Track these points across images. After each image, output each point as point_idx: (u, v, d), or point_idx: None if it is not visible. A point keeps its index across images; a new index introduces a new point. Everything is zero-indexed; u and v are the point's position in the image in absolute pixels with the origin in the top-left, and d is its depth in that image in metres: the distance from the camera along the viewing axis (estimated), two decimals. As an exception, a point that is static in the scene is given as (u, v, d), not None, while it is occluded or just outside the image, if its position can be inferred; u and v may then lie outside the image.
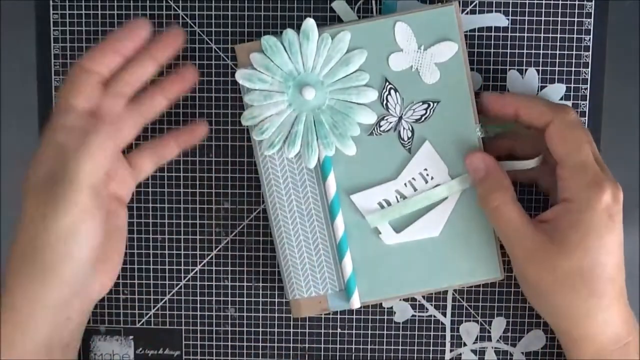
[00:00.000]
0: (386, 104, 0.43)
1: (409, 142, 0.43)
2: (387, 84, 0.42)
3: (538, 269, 0.40)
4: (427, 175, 0.43)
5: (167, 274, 0.48)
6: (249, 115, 0.42)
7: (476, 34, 0.46)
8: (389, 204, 0.43)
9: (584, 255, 0.39)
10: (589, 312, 0.40)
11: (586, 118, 0.46)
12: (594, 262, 0.39)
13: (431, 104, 0.42)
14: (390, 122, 0.43)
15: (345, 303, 0.44)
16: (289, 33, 0.41)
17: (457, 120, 0.42)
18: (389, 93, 0.42)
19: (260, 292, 0.48)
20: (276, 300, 0.48)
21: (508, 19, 0.46)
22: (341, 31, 0.42)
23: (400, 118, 0.43)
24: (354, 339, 0.48)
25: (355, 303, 0.44)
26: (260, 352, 0.48)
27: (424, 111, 0.43)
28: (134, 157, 0.44)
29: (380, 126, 0.43)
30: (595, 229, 0.39)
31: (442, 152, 0.43)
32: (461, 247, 0.43)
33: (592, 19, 0.45)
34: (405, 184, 0.43)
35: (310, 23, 0.41)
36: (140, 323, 0.48)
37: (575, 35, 0.46)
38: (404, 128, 0.43)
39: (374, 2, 0.46)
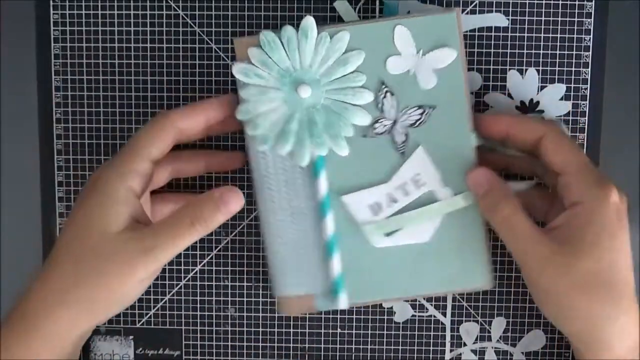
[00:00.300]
0: (381, 107, 0.42)
1: (402, 146, 0.43)
2: (384, 86, 0.42)
3: (553, 274, 0.39)
4: (419, 180, 0.43)
5: (167, 274, 0.48)
6: (244, 110, 0.42)
7: (476, 34, 0.46)
8: (379, 206, 0.43)
9: (599, 255, 0.39)
10: (608, 316, 0.39)
11: (586, 118, 0.46)
12: (610, 262, 0.39)
13: (426, 109, 0.42)
14: (385, 125, 0.43)
15: (332, 303, 0.44)
16: (288, 30, 0.41)
17: (453, 127, 0.42)
18: (385, 96, 0.42)
19: (260, 292, 0.48)
20: (276, 300, 0.48)
21: (508, 19, 0.46)
22: (340, 31, 0.41)
23: (395, 121, 0.43)
24: (354, 339, 0.48)
25: (343, 303, 0.44)
26: (260, 352, 0.48)
27: (419, 116, 0.42)
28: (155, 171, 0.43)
29: (374, 128, 0.43)
30: (607, 227, 0.39)
31: (435, 158, 0.43)
32: (451, 254, 0.43)
33: (592, 19, 0.45)
34: (396, 188, 0.43)
35: (309, 21, 0.41)
36: (140, 323, 0.48)
37: (575, 35, 0.46)
38: (398, 132, 0.43)
39: (377, 2, 0.46)
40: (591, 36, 0.46)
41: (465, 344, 0.48)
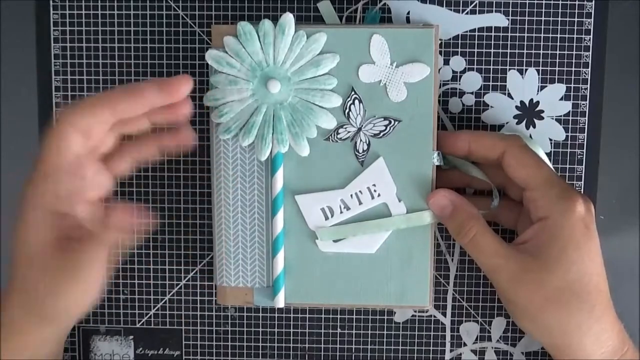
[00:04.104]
0: (348, 113, 0.42)
1: (363, 155, 0.43)
2: (353, 93, 0.42)
3: (526, 290, 0.40)
4: (375, 191, 0.43)
5: (167, 274, 0.48)
6: (212, 97, 0.42)
7: (476, 34, 0.46)
8: (331, 211, 0.43)
9: (568, 268, 0.39)
10: (582, 325, 0.40)
11: (586, 118, 0.46)
12: (579, 272, 0.39)
13: (392, 121, 0.42)
14: (349, 132, 0.43)
15: (269, 300, 0.44)
16: (266, 23, 0.41)
17: (416, 143, 0.42)
18: (353, 103, 0.42)
19: (260, 292, 0.48)
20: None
21: (508, 19, 0.46)
22: (318, 32, 0.41)
23: (360, 129, 0.43)
24: (354, 339, 0.48)
25: (280, 302, 0.44)
26: (260, 352, 0.48)
27: (384, 127, 0.42)
28: (111, 160, 0.41)
29: (338, 133, 0.43)
30: (573, 239, 0.39)
31: (393, 172, 0.43)
32: (395, 269, 0.43)
33: (592, 19, 0.45)
34: (351, 195, 0.43)
35: (288, 17, 0.41)
36: (140, 323, 0.48)
37: (575, 35, 0.46)
38: (361, 140, 0.43)
39: (358, 10, 0.46)
40: (591, 36, 0.46)
41: (465, 344, 0.48)
